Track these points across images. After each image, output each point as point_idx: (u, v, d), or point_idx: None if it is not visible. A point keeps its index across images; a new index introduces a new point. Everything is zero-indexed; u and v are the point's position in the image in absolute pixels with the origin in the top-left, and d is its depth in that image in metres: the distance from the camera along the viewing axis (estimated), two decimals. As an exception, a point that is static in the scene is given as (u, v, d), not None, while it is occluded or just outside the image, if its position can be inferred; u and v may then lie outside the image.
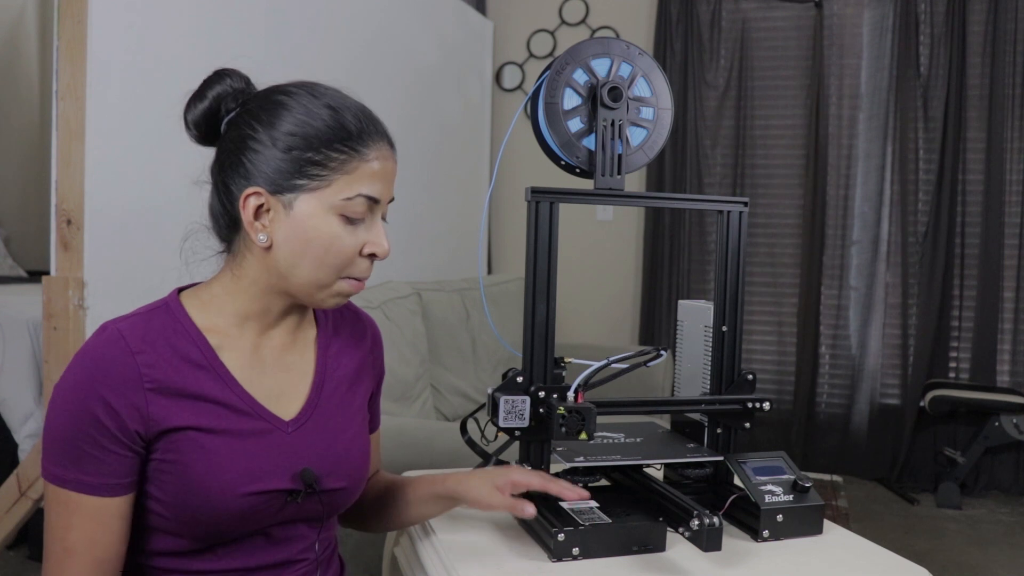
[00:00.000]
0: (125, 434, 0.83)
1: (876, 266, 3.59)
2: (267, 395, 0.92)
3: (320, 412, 0.96)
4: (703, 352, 1.20)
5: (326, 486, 0.93)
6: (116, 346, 0.84)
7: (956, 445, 3.45)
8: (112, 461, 0.83)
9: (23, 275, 3.50)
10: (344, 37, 2.58)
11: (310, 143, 0.86)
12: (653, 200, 1.17)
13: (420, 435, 1.91)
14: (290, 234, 0.87)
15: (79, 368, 0.84)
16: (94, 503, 0.83)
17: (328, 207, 0.86)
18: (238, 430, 0.88)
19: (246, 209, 0.88)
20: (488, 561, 0.98)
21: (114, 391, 0.82)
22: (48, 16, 3.92)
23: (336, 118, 0.87)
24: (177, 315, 0.89)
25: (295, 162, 0.86)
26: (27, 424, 2.22)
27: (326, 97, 0.89)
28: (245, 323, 0.92)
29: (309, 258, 0.87)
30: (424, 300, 2.67)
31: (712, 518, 0.93)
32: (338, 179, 0.86)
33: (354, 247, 0.88)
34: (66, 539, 0.84)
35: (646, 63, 1.11)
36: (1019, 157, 3.41)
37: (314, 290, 0.89)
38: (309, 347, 0.99)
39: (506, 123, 3.89)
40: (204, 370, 0.88)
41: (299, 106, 0.88)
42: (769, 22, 3.68)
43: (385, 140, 0.90)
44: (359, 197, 0.87)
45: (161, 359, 0.85)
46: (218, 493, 0.85)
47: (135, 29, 1.74)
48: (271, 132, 0.87)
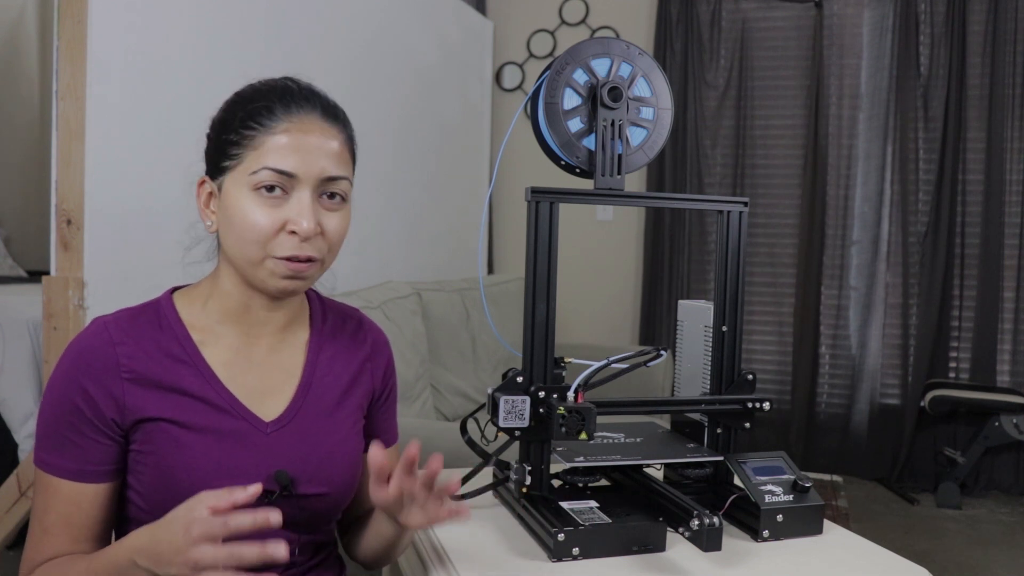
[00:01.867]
0: (101, 421, 0.86)
1: (876, 266, 3.59)
2: (249, 393, 0.92)
3: (304, 415, 0.95)
4: (703, 352, 1.20)
5: (304, 490, 0.92)
6: (99, 336, 0.87)
7: (956, 445, 3.45)
8: (89, 447, 0.86)
9: (23, 275, 3.50)
10: (344, 37, 2.58)
11: (227, 125, 0.89)
12: (653, 200, 1.17)
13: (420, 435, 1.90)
14: (221, 215, 0.90)
15: (65, 358, 0.88)
16: (71, 488, 0.86)
17: (243, 184, 0.87)
18: (215, 427, 0.89)
19: (199, 197, 0.92)
20: (488, 561, 0.98)
21: (92, 379, 0.86)
22: (48, 16, 3.92)
23: (249, 98, 0.89)
24: (165, 311, 0.92)
25: (220, 146, 0.89)
26: (27, 424, 2.21)
27: (255, 83, 0.92)
28: (229, 320, 0.93)
29: (233, 236, 0.88)
30: (424, 300, 2.68)
31: (712, 518, 0.93)
32: (248, 155, 0.87)
33: (270, 223, 0.86)
34: (44, 520, 0.87)
35: (646, 63, 1.11)
36: (1019, 157, 3.41)
37: (250, 269, 0.88)
38: (300, 349, 0.98)
39: (506, 123, 3.89)
40: (185, 364, 0.89)
41: (231, 96, 0.92)
42: (769, 22, 3.68)
43: (307, 112, 0.88)
44: (264, 170, 0.85)
45: (141, 351, 0.88)
46: (190, 488, 0.83)
47: (135, 29, 1.74)
48: (211, 124, 0.92)
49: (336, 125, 0.91)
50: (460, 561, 0.98)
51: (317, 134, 0.88)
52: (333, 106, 0.93)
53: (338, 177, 0.89)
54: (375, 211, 2.77)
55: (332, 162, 0.89)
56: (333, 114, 0.92)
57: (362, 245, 2.62)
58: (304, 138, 0.87)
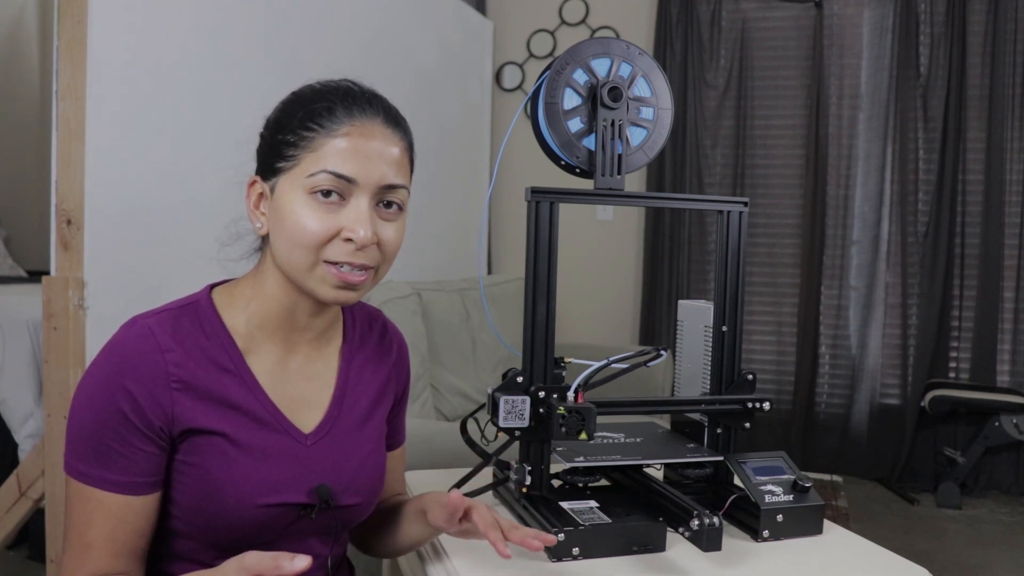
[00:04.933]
0: (150, 428, 0.82)
1: (876, 266, 3.59)
2: (289, 404, 0.90)
3: (339, 426, 0.94)
4: (703, 352, 1.20)
5: (341, 502, 0.91)
6: (146, 342, 0.83)
7: (956, 445, 3.45)
8: (138, 458, 0.82)
9: (23, 275, 3.50)
10: (344, 37, 2.58)
11: (284, 125, 0.86)
12: (653, 200, 1.17)
13: (420, 435, 1.91)
14: (273, 217, 0.87)
15: (106, 362, 0.83)
16: (117, 501, 0.82)
17: (299, 187, 0.84)
18: (260, 441, 0.87)
19: (249, 197, 0.89)
20: (488, 561, 0.98)
21: (140, 385, 0.81)
22: (48, 16, 3.92)
23: (309, 98, 0.87)
24: (207, 314, 0.88)
25: (275, 146, 0.87)
26: (27, 424, 2.21)
27: (314, 83, 0.89)
28: (271, 325, 0.90)
29: (284, 239, 0.85)
30: (424, 300, 2.67)
31: (712, 518, 0.93)
32: (306, 157, 0.84)
33: (324, 229, 0.83)
34: (86, 535, 0.82)
35: (646, 63, 1.11)
36: (1019, 157, 3.41)
37: (299, 275, 0.85)
38: (333, 357, 0.97)
39: (506, 123, 3.89)
40: (231, 375, 0.87)
41: (288, 95, 0.90)
42: (769, 22, 3.68)
43: (369, 117, 0.86)
44: (323, 173, 0.82)
45: (190, 359, 0.84)
46: (234, 502, 0.84)
47: (135, 29, 1.74)
48: (266, 124, 0.90)
49: (398, 132, 0.89)
50: (460, 560, 0.98)
51: (379, 139, 0.86)
52: (395, 112, 0.90)
53: (398, 185, 0.87)
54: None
55: (392, 169, 0.86)
56: (395, 120, 0.89)
57: (362, 245, 2.62)
58: (366, 143, 0.84)
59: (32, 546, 2.42)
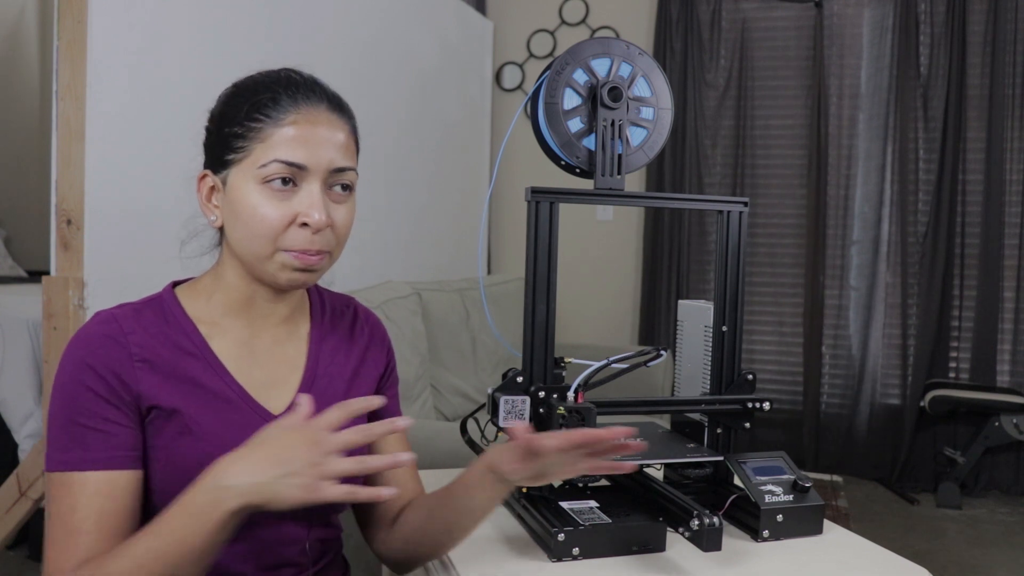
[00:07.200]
0: (119, 400, 0.83)
1: (876, 266, 3.59)
2: (257, 386, 0.92)
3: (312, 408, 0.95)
4: (703, 352, 1.20)
5: None
6: (108, 326, 0.86)
7: (956, 445, 3.45)
8: (113, 431, 0.83)
9: (23, 275, 3.51)
10: (344, 37, 2.58)
11: (230, 118, 0.88)
12: (653, 200, 1.17)
13: (420, 435, 1.90)
14: (227, 209, 0.89)
15: (72, 351, 0.85)
16: (99, 479, 0.82)
17: (251, 177, 0.86)
18: (226, 419, 0.88)
19: (200, 192, 0.91)
20: (488, 561, 0.98)
21: (105, 363, 0.83)
22: (48, 16, 3.92)
23: (252, 90, 0.88)
24: (170, 305, 0.91)
25: (223, 139, 0.88)
26: (27, 424, 2.22)
27: (255, 74, 0.91)
28: (234, 313, 0.93)
29: (240, 230, 0.87)
30: (424, 300, 2.67)
31: (712, 518, 0.93)
32: (255, 148, 0.86)
33: (280, 216, 0.85)
34: (71, 521, 0.81)
35: (646, 63, 1.11)
36: (1019, 157, 3.41)
37: (259, 264, 0.88)
38: (302, 340, 0.98)
39: (506, 123, 3.89)
40: (194, 357, 0.89)
41: (229, 87, 0.91)
42: (769, 22, 3.68)
43: (314, 104, 0.88)
44: (274, 163, 0.84)
45: (153, 341, 0.87)
46: None
47: (136, 29, 1.74)
48: (211, 117, 0.91)
49: (343, 116, 0.91)
50: (460, 561, 0.98)
51: (325, 125, 0.88)
52: (338, 97, 0.93)
53: (346, 168, 0.89)
54: (376, 211, 2.77)
55: (340, 153, 0.88)
56: (339, 105, 0.91)
57: (363, 245, 2.62)
58: (313, 129, 0.87)
59: (32, 546, 2.43)
